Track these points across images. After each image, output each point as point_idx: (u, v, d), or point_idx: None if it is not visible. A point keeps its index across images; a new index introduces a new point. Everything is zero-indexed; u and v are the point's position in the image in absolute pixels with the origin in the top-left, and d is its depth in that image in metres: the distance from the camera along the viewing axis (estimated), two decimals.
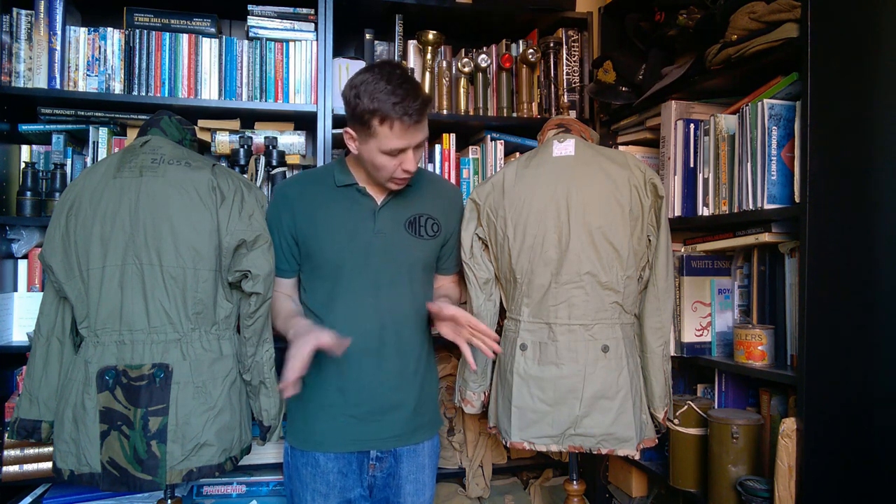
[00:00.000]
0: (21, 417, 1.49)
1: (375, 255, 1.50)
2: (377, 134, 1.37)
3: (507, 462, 2.23)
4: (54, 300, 1.50)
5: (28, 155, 2.02)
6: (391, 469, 1.55)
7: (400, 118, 1.34)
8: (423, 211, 1.57)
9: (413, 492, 1.56)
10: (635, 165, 1.56)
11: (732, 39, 1.57)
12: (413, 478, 1.56)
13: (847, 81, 1.40)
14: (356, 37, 2.30)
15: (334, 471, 1.50)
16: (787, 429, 1.40)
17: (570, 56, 2.28)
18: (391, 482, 1.55)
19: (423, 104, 1.37)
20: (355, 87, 1.37)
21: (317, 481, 1.50)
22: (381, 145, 1.38)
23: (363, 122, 1.37)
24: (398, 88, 1.34)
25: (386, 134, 1.36)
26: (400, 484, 1.55)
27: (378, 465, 1.54)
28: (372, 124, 1.36)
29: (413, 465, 1.56)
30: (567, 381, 1.52)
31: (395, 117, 1.34)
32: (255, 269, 1.45)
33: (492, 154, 2.19)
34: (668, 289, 1.58)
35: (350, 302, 1.50)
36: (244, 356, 1.50)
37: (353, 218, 1.51)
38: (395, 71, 1.38)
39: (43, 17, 1.93)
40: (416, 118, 1.36)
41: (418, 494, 1.58)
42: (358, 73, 1.41)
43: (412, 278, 1.55)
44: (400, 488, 1.55)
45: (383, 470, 1.54)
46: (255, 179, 2.01)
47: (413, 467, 1.56)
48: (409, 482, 1.56)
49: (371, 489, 1.55)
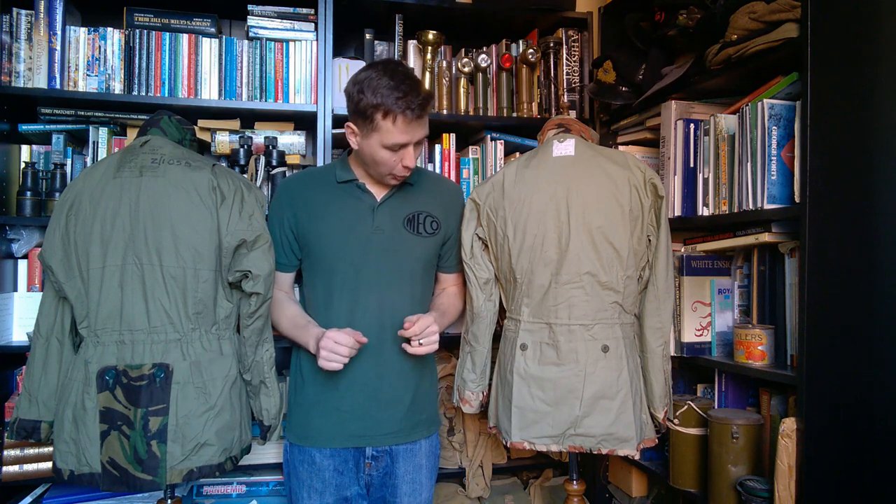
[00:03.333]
0: (21, 417, 1.49)
1: (374, 252, 1.51)
2: (380, 128, 1.39)
3: (507, 462, 2.23)
4: (54, 300, 1.50)
5: (28, 155, 2.02)
6: (387, 468, 1.55)
7: (403, 112, 1.37)
8: (423, 208, 1.58)
9: (409, 492, 1.56)
10: (635, 165, 1.56)
11: (732, 39, 1.57)
12: (409, 478, 1.56)
13: (847, 81, 1.40)
14: (356, 37, 2.30)
15: (330, 468, 1.51)
16: (787, 429, 1.40)
17: (570, 56, 2.28)
18: (388, 482, 1.56)
19: (425, 100, 1.40)
20: (359, 83, 1.40)
21: (313, 478, 1.51)
22: (384, 140, 1.40)
23: (366, 116, 1.39)
24: (401, 84, 1.37)
25: (388, 128, 1.39)
26: (396, 484, 1.55)
27: (374, 463, 1.54)
28: (375, 118, 1.38)
29: (410, 465, 1.56)
30: (567, 381, 1.52)
31: (397, 112, 1.37)
32: (256, 269, 1.45)
33: (492, 154, 2.19)
34: (668, 289, 1.58)
35: (349, 298, 1.52)
36: (244, 356, 1.50)
37: (352, 214, 1.52)
38: (398, 68, 1.42)
39: (43, 17, 1.93)
40: (418, 113, 1.38)
41: (415, 495, 1.58)
42: (361, 70, 1.44)
43: (412, 275, 1.56)
44: (396, 488, 1.56)
45: (379, 469, 1.55)
46: (255, 179, 2.01)
47: (410, 467, 1.56)
48: (406, 482, 1.56)
49: (368, 488, 1.56)
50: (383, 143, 1.41)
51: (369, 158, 1.46)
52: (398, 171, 1.45)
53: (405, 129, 1.39)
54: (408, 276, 1.55)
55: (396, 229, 1.54)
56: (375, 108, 1.37)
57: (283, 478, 2.01)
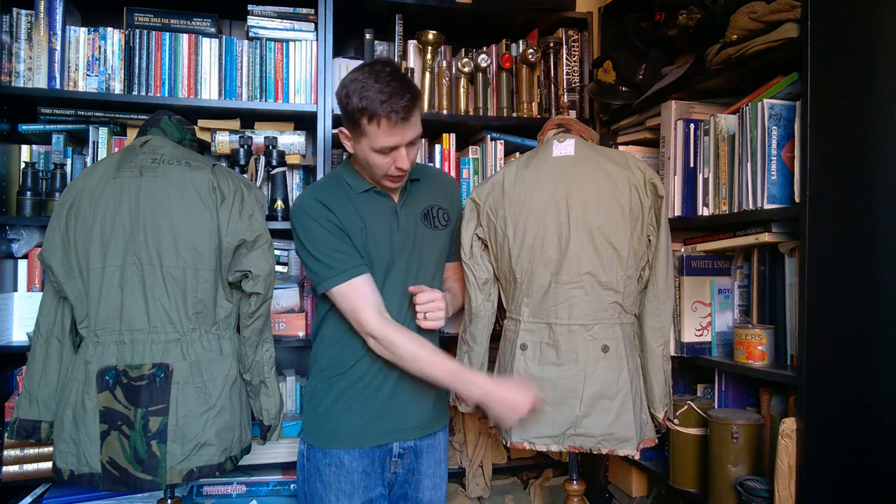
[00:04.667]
0: (21, 417, 1.49)
1: (401, 253, 1.51)
2: (367, 133, 1.37)
3: (507, 462, 2.23)
4: (54, 300, 1.50)
5: (28, 155, 2.03)
6: (412, 465, 1.56)
7: (387, 115, 1.34)
8: (434, 202, 1.60)
9: (431, 486, 1.58)
10: (635, 165, 1.56)
11: (732, 39, 1.57)
12: (431, 472, 1.58)
13: (847, 81, 1.40)
14: (356, 37, 2.30)
15: (359, 470, 1.48)
16: (787, 429, 1.40)
17: (570, 56, 2.28)
18: (411, 478, 1.57)
19: (410, 101, 1.36)
20: (346, 87, 1.38)
21: (341, 481, 1.48)
22: (373, 144, 1.39)
23: (354, 121, 1.38)
24: (386, 87, 1.35)
25: (375, 132, 1.37)
26: (419, 479, 1.57)
27: (400, 461, 1.54)
28: (362, 123, 1.37)
29: (432, 459, 1.58)
30: (567, 381, 1.52)
31: (381, 115, 1.34)
32: (256, 269, 1.45)
33: (492, 154, 2.19)
34: (668, 289, 1.58)
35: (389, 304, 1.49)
36: (244, 356, 1.51)
37: (379, 220, 1.51)
38: (385, 69, 1.38)
39: (43, 17, 1.93)
40: (402, 115, 1.35)
41: (436, 489, 1.60)
42: (349, 73, 1.41)
43: (433, 270, 1.57)
44: (419, 483, 1.57)
45: (404, 466, 1.55)
46: (255, 179, 2.01)
47: (432, 462, 1.58)
48: (428, 476, 1.58)
49: (390, 486, 1.56)
50: (373, 147, 1.39)
51: (364, 162, 1.45)
52: (392, 173, 1.45)
53: (391, 132, 1.37)
54: (430, 271, 1.56)
55: (417, 226, 1.54)
56: (361, 113, 1.35)
57: (283, 478, 2.01)
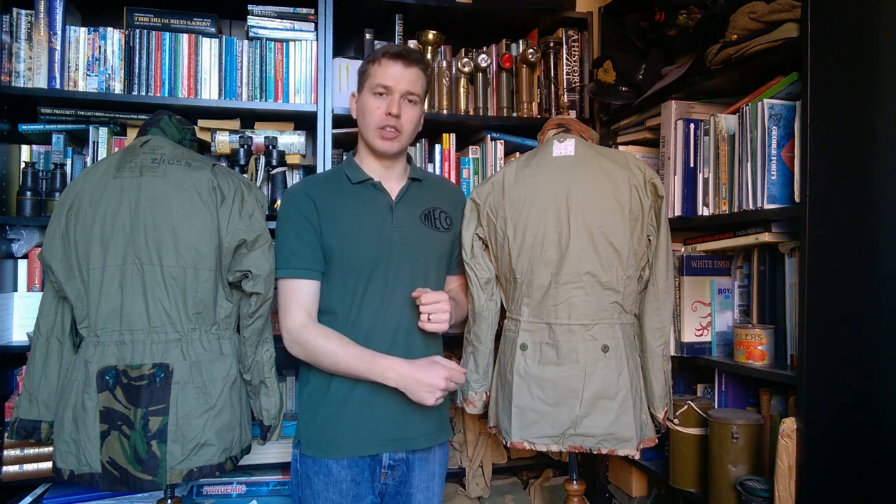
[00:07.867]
0: (21, 417, 1.49)
1: (396, 250, 1.51)
2: (369, 74, 1.52)
3: (507, 462, 2.23)
4: (54, 300, 1.50)
5: (28, 155, 2.03)
6: (403, 477, 1.54)
7: (385, 53, 1.51)
8: (436, 204, 1.61)
9: (423, 500, 1.56)
10: (635, 165, 1.56)
11: (732, 39, 1.57)
12: (424, 486, 1.56)
13: (847, 81, 1.40)
14: (356, 37, 2.30)
15: (347, 479, 1.48)
16: (787, 429, 1.40)
17: (570, 56, 2.28)
18: (402, 490, 1.55)
19: (414, 54, 1.52)
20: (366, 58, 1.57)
21: (329, 490, 1.48)
22: (371, 84, 1.51)
23: (362, 73, 1.55)
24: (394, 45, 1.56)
25: (374, 71, 1.51)
26: (411, 493, 1.55)
27: (390, 472, 1.53)
28: (367, 69, 1.54)
29: (424, 473, 1.56)
30: (567, 381, 1.52)
31: (380, 54, 1.52)
32: (256, 269, 1.45)
33: (492, 154, 2.19)
34: (668, 289, 1.58)
35: (376, 300, 1.50)
36: (244, 356, 1.50)
37: (371, 214, 1.52)
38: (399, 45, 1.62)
39: (43, 16, 1.93)
40: (403, 58, 1.50)
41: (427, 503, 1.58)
42: None
43: (429, 272, 1.56)
44: (411, 496, 1.55)
45: (395, 478, 1.54)
46: (255, 179, 2.01)
47: (424, 476, 1.56)
48: (420, 491, 1.55)
49: (382, 496, 1.55)
50: (371, 87, 1.50)
51: (360, 115, 1.54)
52: (384, 122, 1.49)
53: (389, 70, 1.49)
54: (430, 272, 1.56)
55: (415, 225, 1.55)
56: (369, 62, 1.53)
57: (283, 478, 2.02)
